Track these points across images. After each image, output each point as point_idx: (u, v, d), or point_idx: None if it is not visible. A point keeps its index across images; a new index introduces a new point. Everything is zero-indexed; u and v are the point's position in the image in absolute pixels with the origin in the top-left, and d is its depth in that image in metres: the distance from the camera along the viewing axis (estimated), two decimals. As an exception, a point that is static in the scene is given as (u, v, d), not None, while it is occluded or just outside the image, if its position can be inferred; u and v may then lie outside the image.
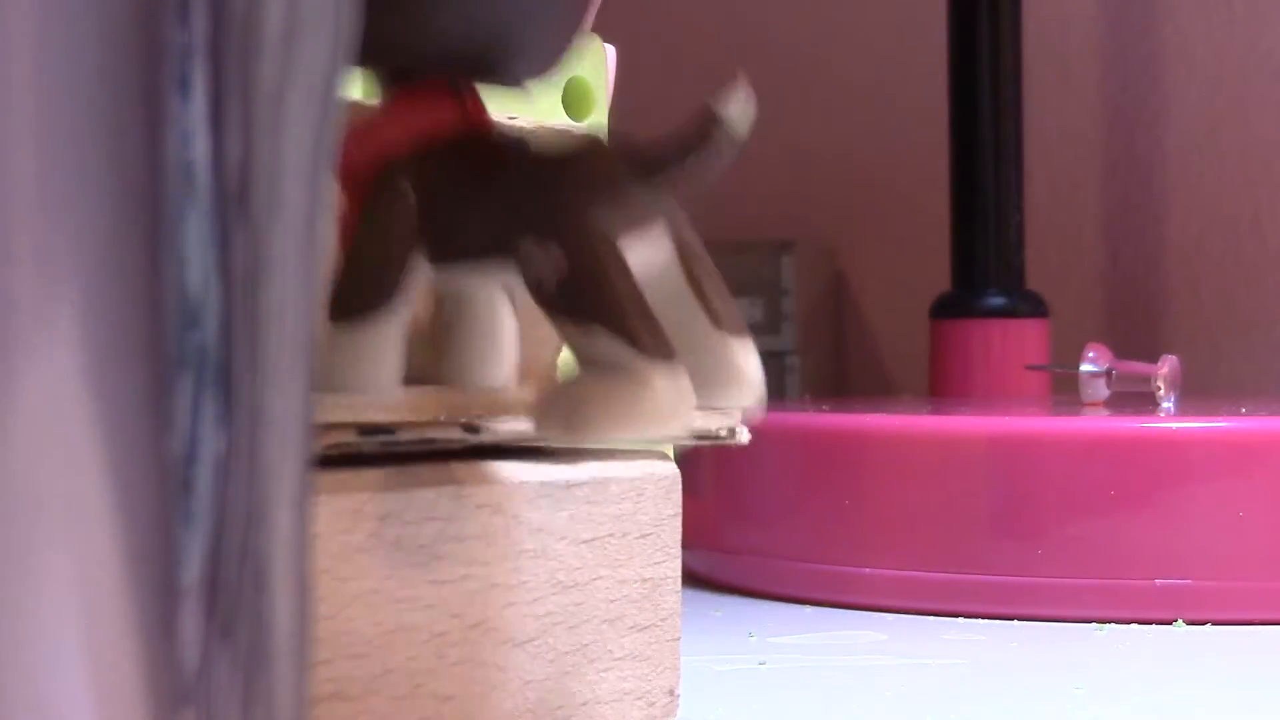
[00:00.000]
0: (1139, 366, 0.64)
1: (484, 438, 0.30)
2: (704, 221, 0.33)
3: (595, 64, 0.42)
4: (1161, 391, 0.61)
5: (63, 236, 0.12)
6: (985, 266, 0.79)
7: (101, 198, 0.12)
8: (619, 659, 0.32)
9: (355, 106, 0.23)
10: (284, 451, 0.14)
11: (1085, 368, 0.64)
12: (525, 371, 0.36)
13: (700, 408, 0.24)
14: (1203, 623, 0.49)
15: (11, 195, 0.12)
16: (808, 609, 0.52)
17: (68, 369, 0.12)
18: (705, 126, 0.25)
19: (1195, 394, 0.67)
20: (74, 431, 0.12)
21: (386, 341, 0.24)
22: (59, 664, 0.12)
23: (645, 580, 0.32)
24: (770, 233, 0.87)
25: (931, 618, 0.50)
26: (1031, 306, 0.79)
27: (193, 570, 0.13)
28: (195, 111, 0.13)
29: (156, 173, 0.13)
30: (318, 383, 0.19)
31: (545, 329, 0.36)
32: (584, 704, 0.31)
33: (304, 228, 0.14)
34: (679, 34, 0.94)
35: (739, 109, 0.25)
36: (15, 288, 0.12)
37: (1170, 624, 0.49)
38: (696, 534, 0.52)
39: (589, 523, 0.31)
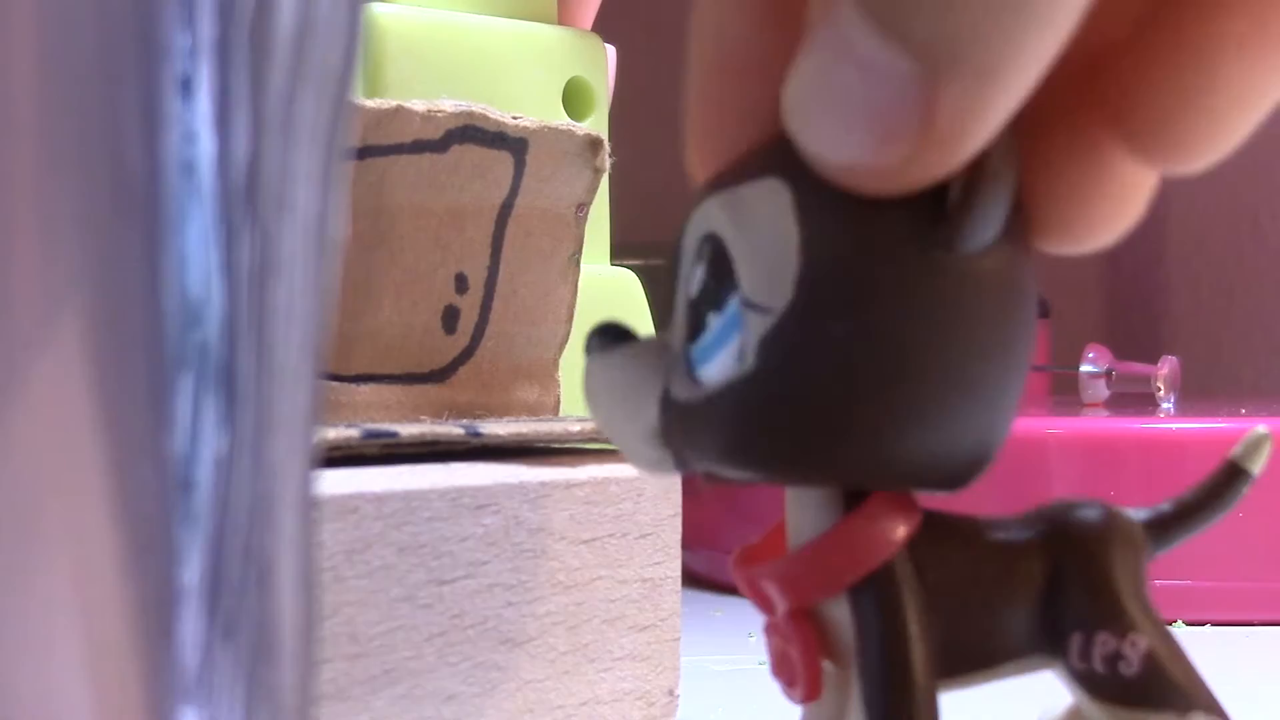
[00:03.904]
0: (1139, 367, 0.64)
1: (484, 438, 0.30)
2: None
3: (596, 64, 0.42)
4: (1161, 392, 0.61)
5: (63, 236, 0.12)
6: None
7: (102, 197, 0.12)
8: (619, 659, 0.32)
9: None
10: (290, 451, 0.14)
11: (1085, 368, 0.64)
12: (526, 372, 0.36)
13: None
14: (1202, 623, 0.49)
15: (12, 194, 0.12)
16: (807, 609, 0.52)
17: (68, 367, 0.12)
18: (1231, 484, 0.24)
19: (1195, 394, 0.67)
20: (74, 430, 0.12)
21: None
22: (58, 663, 0.12)
23: (645, 580, 0.32)
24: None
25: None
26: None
27: (194, 570, 0.13)
28: (199, 112, 0.13)
29: (157, 172, 0.13)
30: None
31: (546, 327, 0.37)
32: (584, 704, 0.31)
33: (315, 228, 0.14)
34: (680, 34, 0.94)
35: (1263, 461, 0.24)
36: (16, 287, 0.12)
37: (1170, 624, 0.49)
38: (696, 534, 0.52)
39: (589, 523, 0.31)
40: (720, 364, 0.19)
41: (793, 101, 0.18)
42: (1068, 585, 0.21)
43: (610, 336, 0.21)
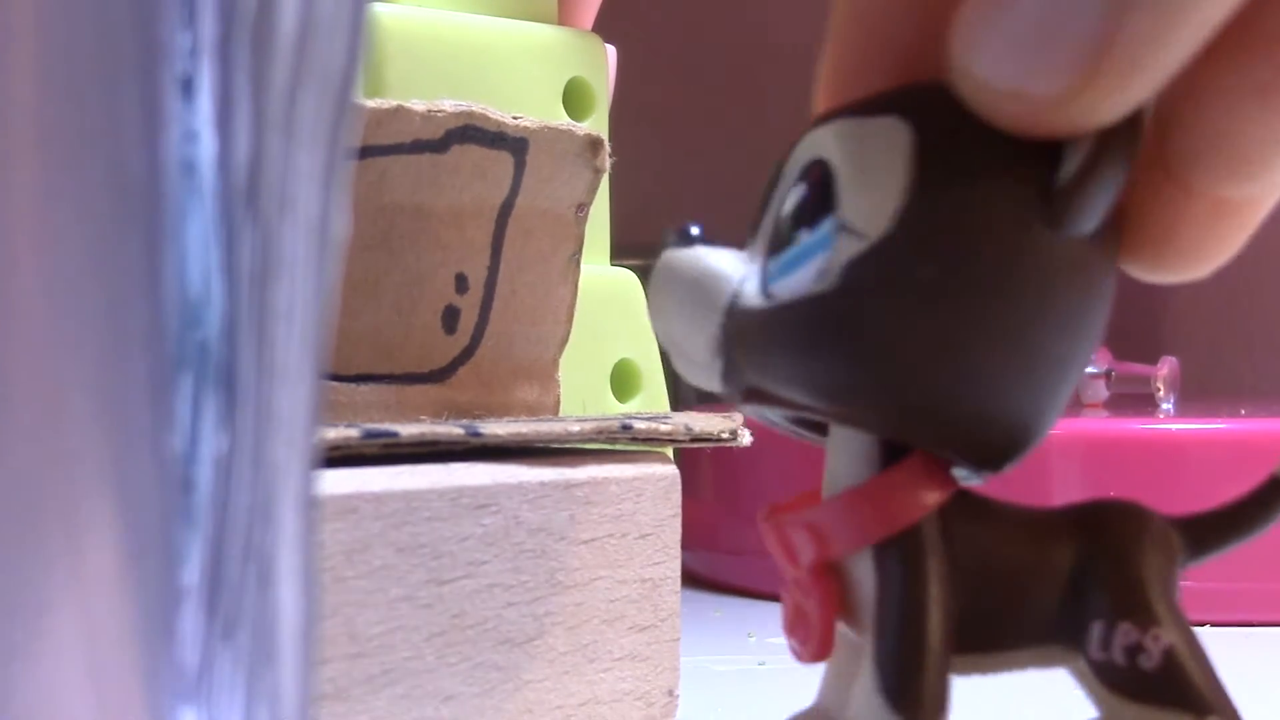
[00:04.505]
0: (1138, 368, 0.64)
1: (484, 438, 0.30)
2: (718, 221, 0.33)
3: (596, 64, 0.42)
4: (1161, 393, 0.61)
5: (63, 235, 0.12)
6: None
7: (101, 197, 0.12)
8: (618, 659, 0.32)
9: None
10: (291, 451, 0.14)
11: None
12: (526, 372, 0.36)
13: None
14: (1203, 623, 0.49)
15: (12, 194, 0.12)
16: (807, 609, 0.52)
17: (67, 367, 0.12)
18: (1274, 499, 0.23)
19: (1195, 395, 0.67)
20: (74, 429, 0.12)
21: None
22: (58, 663, 0.12)
23: (645, 581, 0.32)
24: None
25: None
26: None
27: (194, 569, 0.13)
28: (199, 112, 0.13)
29: (157, 172, 0.13)
30: None
31: (545, 328, 0.36)
32: (583, 704, 0.31)
33: (317, 227, 0.14)
34: (680, 34, 0.94)
35: None
36: (16, 286, 0.12)
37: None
38: (696, 534, 0.52)
39: (589, 523, 0.31)
40: (799, 278, 0.19)
41: (968, 24, 0.18)
42: (1094, 575, 0.21)
43: (688, 237, 0.21)
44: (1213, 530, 0.23)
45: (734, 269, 0.20)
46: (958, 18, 0.19)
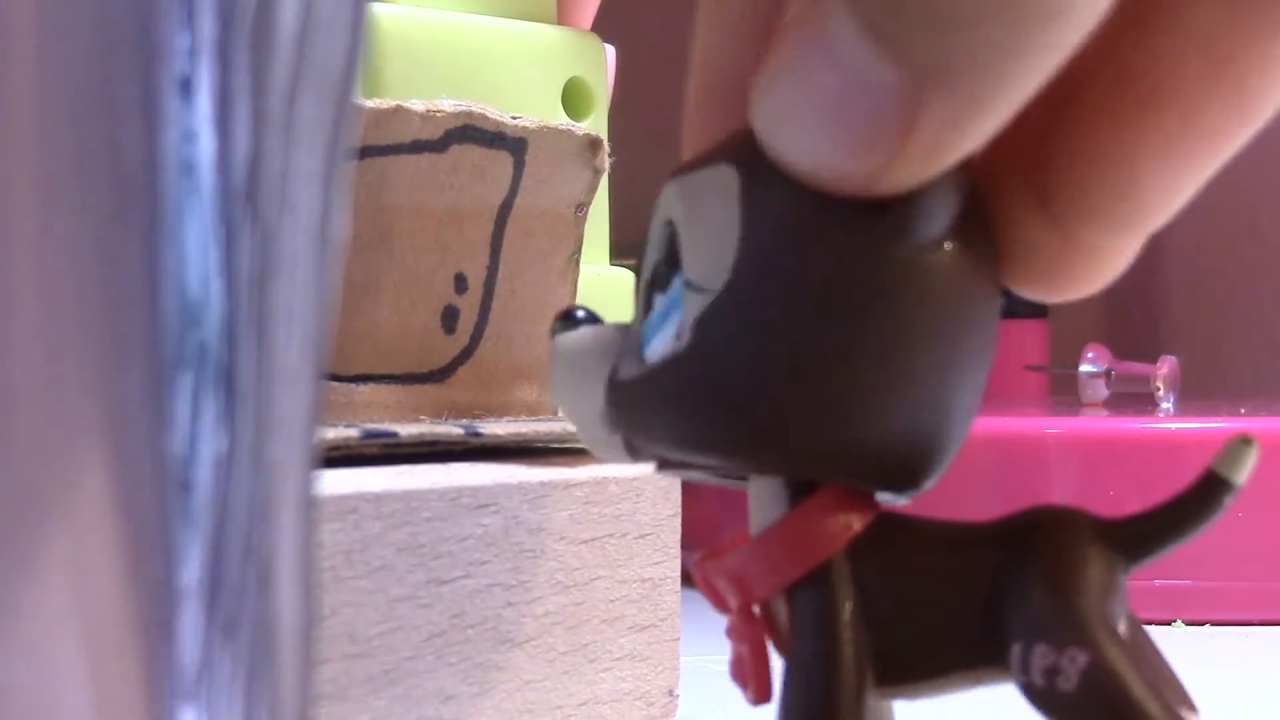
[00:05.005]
0: (1138, 367, 0.64)
1: (484, 438, 0.30)
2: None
3: (595, 64, 0.42)
4: (1161, 392, 0.61)
5: (61, 236, 0.12)
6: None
7: (100, 197, 0.12)
8: (618, 659, 0.32)
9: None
10: (291, 451, 0.14)
11: (1085, 368, 0.64)
12: (525, 372, 0.36)
13: None
14: (1202, 623, 0.49)
15: (10, 195, 0.12)
16: (807, 609, 0.52)
17: (67, 368, 0.12)
18: (1213, 494, 0.22)
19: (1194, 394, 0.67)
20: (74, 430, 0.12)
21: None
22: (58, 663, 0.12)
23: (645, 580, 0.32)
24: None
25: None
26: (1030, 307, 0.79)
27: (193, 570, 0.13)
28: (198, 111, 0.13)
29: (156, 172, 0.13)
30: None
31: (545, 327, 0.36)
32: (583, 704, 0.31)
33: (316, 227, 0.14)
34: (680, 34, 0.94)
35: (1247, 470, 0.22)
36: (15, 287, 0.12)
37: (1170, 624, 0.49)
38: (697, 534, 0.52)
39: (588, 523, 0.31)
40: (661, 342, 0.20)
41: (764, 99, 0.18)
42: (1014, 594, 0.20)
43: (574, 320, 0.21)
44: (1154, 531, 0.22)
45: (614, 343, 0.20)
46: (755, 83, 0.18)
